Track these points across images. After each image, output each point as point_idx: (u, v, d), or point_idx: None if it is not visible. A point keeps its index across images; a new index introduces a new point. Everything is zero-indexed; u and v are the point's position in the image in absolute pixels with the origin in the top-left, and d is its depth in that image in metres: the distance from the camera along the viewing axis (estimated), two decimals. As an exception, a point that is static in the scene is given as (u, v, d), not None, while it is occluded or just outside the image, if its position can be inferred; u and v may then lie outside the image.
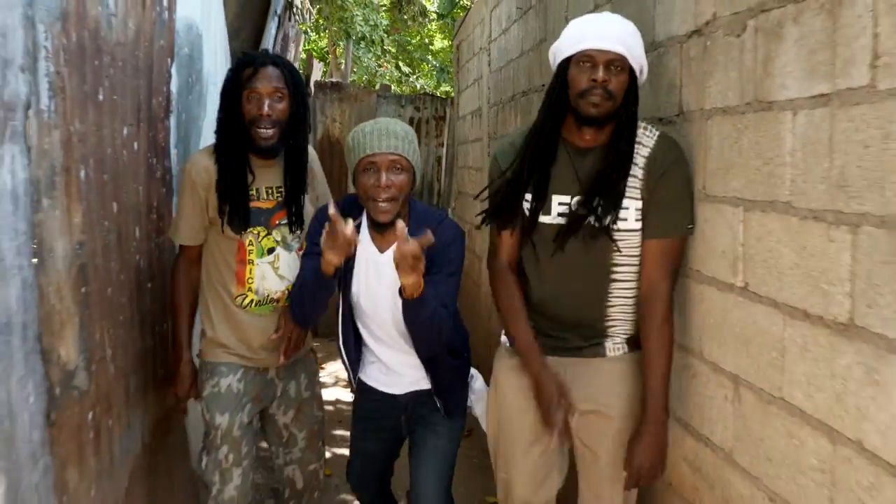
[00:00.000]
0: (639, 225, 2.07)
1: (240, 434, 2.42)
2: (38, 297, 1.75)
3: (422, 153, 7.19)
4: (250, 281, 2.41)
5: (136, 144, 2.46)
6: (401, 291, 2.13)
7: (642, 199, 2.06)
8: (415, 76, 12.44)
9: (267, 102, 2.26)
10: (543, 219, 2.15)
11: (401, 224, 2.02)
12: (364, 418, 2.60)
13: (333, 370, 5.86)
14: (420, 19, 10.96)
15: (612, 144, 2.07)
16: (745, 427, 1.80)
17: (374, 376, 2.54)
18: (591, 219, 2.06)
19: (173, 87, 2.82)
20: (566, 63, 2.07)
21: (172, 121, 2.83)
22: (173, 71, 2.81)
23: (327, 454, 4.11)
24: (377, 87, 10.26)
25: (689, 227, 2.06)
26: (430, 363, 2.41)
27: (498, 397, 2.37)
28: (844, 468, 1.44)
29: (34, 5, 1.72)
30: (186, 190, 2.41)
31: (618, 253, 2.11)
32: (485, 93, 5.45)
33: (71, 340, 1.94)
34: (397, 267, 2.05)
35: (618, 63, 2.00)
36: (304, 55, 9.72)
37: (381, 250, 2.36)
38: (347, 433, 3.14)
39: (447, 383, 2.49)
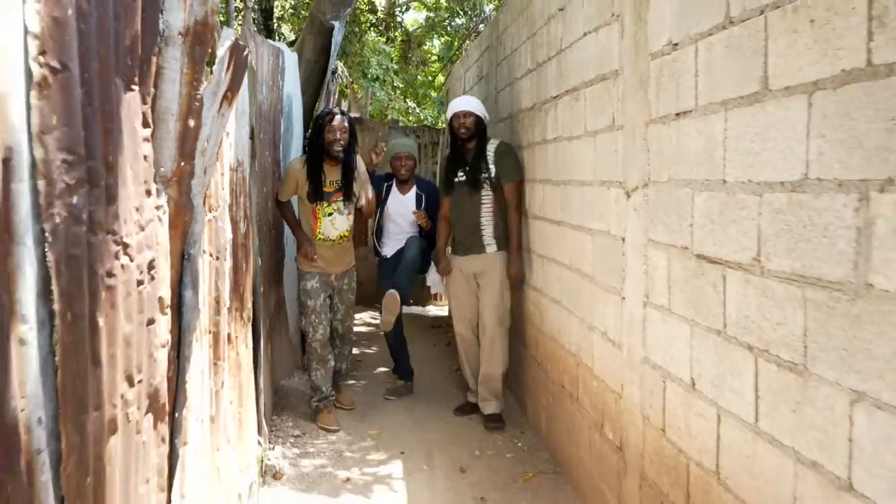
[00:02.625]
0: (492, 178, 4.69)
1: (319, 308, 4.83)
2: (254, 219, 4.26)
3: (421, 170, 9.79)
4: (319, 228, 4.83)
5: (270, 159, 5.00)
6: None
7: (494, 169, 4.67)
8: (420, 109, 15.05)
9: (339, 134, 4.72)
10: (456, 181, 4.81)
11: (421, 214, 5.07)
12: (384, 268, 5.48)
13: (360, 316, 8.37)
14: (422, 67, 13.63)
15: (477, 148, 4.74)
16: (545, 277, 4.31)
17: (387, 251, 5.50)
18: (474, 179, 4.67)
19: (282, 129, 5.37)
20: (452, 119, 4.79)
21: (281, 146, 5.38)
22: (282, 120, 5.36)
23: (358, 351, 6.65)
24: (388, 118, 12.87)
25: (520, 177, 4.67)
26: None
27: (450, 278, 4.94)
28: (582, 287, 3.94)
29: (249, 105, 4.25)
30: (288, 176, 4.84)
31: (485, 194, 4.71)
32: (462, 126, 8.01)
33: (254, 244, 4.46)
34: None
35: (469, 115, 4.71)
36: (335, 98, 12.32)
37: (403, 194, 5.55)
38: (370, 347, 5.82)
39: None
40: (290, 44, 7.42)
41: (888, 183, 1.47)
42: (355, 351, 6.70)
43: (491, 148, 4.74)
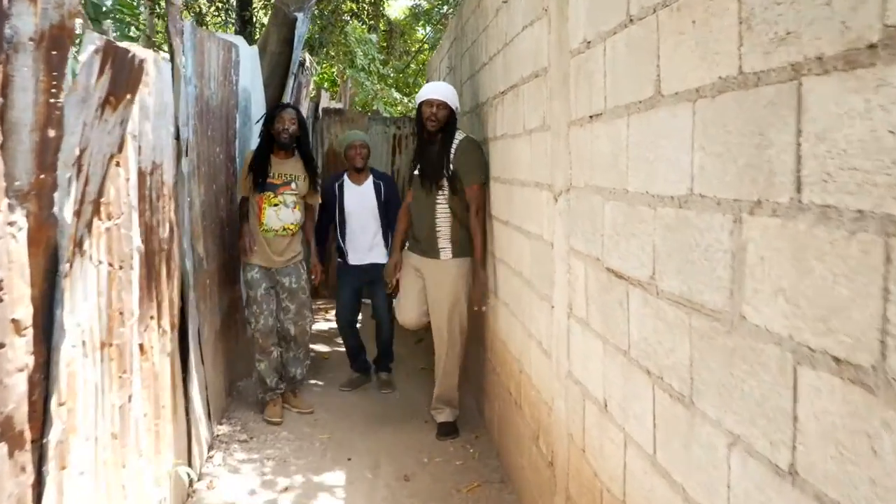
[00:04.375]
0: (446, 184, 4.50)
1: (259, 299, 4.70)
2: (189, 221, 4.13)
3: (402, 161, 9.63)
4: (264, 218, 4.71)
5: (221, 156, 4.86)
6: None
7: (453, 162, 4.46)
8: (409, 99, 14.88)
9: (287, 123, 4.59)
10: (416, 174, 4.63)
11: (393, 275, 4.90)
12: (345, 281, 5.33)
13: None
14: (405, 57, 13.43)
15: (442, 142, 4.51)
16: (498, 279, 4.16)
17: (352, 257, 5.34)
18: (431, 176, 4.50)
19: (237, 124, 5.23)
20: (420, 105, 4.54)
21: (237, 143, 5.24)
22: (237, 115, 5.21)
23: (327, 348, 6.52)
24: (375, 107, 12.71)
25: (483, 180, 4.48)
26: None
27: (402, 273, 4.80)
28: (530, 299, 3.79)
29: (188, 96, 4.10)
30: (244, 169, 4.76)
31: (441, 195, 4.52)
32: (439, 117, 7.85)
33: (201, 245, 4.33)
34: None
35: (439, 104, 4.45)
36: (314, 91, 12.12)
37: (358, 185, 5.38)
38: (341, 345, 5.75)
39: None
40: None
41: (757, 205, 1.32)
42: (323, 348, 6.57)
43: (454, 144, 4.46)
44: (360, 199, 5.33)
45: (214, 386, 4.52)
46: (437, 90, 4.48)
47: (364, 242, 5.35)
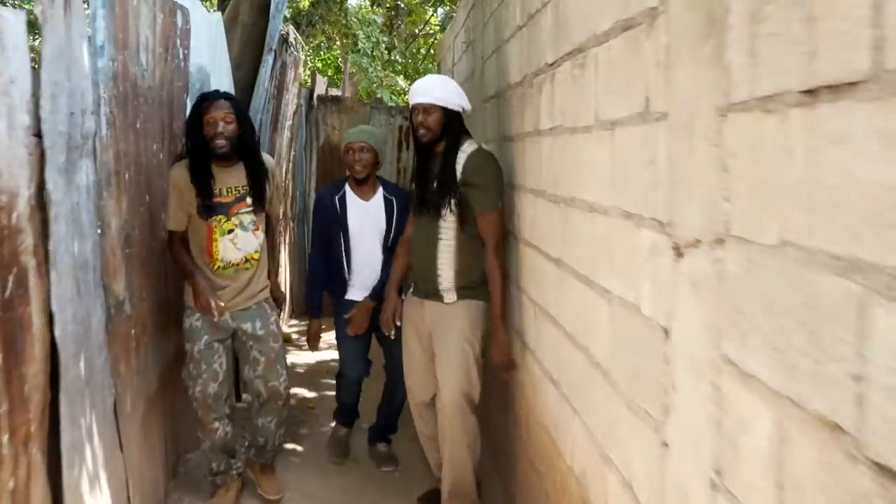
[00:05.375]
0: (451, 210, 3.24)
1: (199, 356, 3.44)
2: (101, 252, 2.87)
3: (409, 157, 8.34)
4: (216, 252, 3.44)
5: (161, 155, 3.60)
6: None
7: (461, 183, 3.20)
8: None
9: (220, 125, 3.31)
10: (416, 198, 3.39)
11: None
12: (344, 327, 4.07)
13: (327, 338, 6.99)
14: (410, 41, 12.10)
15: (445, 155, 3.27)
16: (538, 334, 2.89)
17: (355, 292, 4.08)
18: (431, 200, 3.26)
19: (187, 112, 3.96)
20: (411, 111, 3.32)
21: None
22: (188, 101, 3.95)
23: (313, 394, 5.26)
24: (379, 95, 11.42)
25: (500, 205, 3.24)
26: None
27: (405, 328, 3.52)
28: (561, 345, 2.52)
29: (97, 73, 2.84)
30: (171, 192, 3.44)
31: (445, 225, 3.26)
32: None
33: (120, 282, 3.07)
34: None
35: (429, 108, 3.22)
36: (306, 75, 10.84)
37: (366, 200, 4.06)
38: (332, 381, 4.45)
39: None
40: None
41: None
42: (308, 394, 5.31)
43: (461, 158, 3.23)
44: (367, 219, 4.04)
45: (143, 475, 3.27)
46: (421, 90, 3.28)
47: (372, 274, 4.04)
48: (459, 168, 3.20)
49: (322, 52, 13.81)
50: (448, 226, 3.25)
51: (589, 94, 2.10)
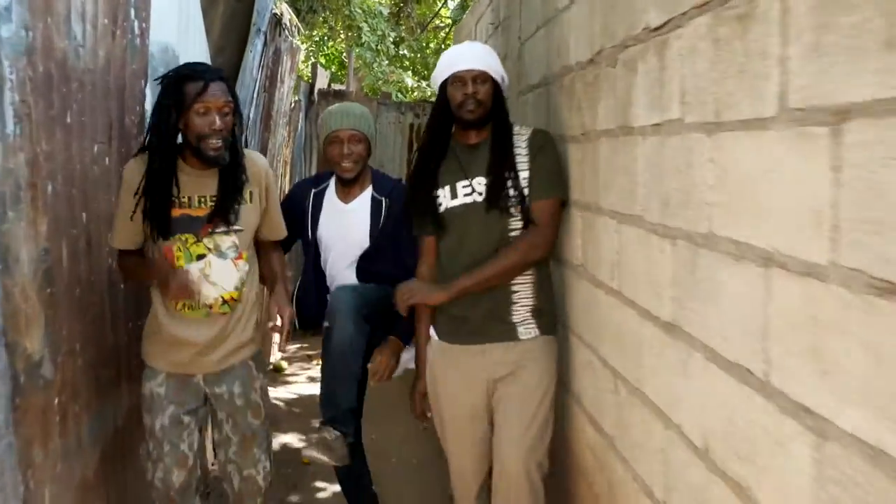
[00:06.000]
0: (527, 190, 2.46)
1: (161, 434, 2.56)
2: (3, 298, 2.02)
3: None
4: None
5: (107, 160, 2.74)
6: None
7: (529, 169, 2.47)
8: (427, 83, 12.68)
9: (217, 118, 2.41)
10: (452, 204, 2.54)
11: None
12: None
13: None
14: (418, 31, 11.22)
15: (496, 136, 2.52)
16: (619, 405, 2.03)
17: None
18: (497, 195, 2.46)
19: (147, 105, 3.10)
20: (444, 84, 2.53)
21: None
22: (147, 91, 3.09)
23: (304, 443, 4.38)
24: (385, 90, 10.55)
25: (559, 196, 2.51)
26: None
27: (438, 388, 2.65)
28: (672, 448, 1.66)
29: (0, 45, 1.99)
30: (121, 196, 2.56)
31: (514, 225, 2.47)
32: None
33: (36, 335, 2.21)
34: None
35: (481, 77, 2.49)
36: (302, 66, 10.00)
37: (346, 202, 3.08)
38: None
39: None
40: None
41: None
42: (300, 443, 4.44)
43: (520, 139, 2.51)
44: (342, 227, 3.07)
45: None
46: (468, 55, 2.54)
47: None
48: (523, 150, 2.50)
49: (325, 47, 12.93)
50: (516, 226, 2.50)
51: (760, 66, 1.23)
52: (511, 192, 2.45)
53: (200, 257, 2.54)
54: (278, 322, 2.63)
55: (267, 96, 4.82)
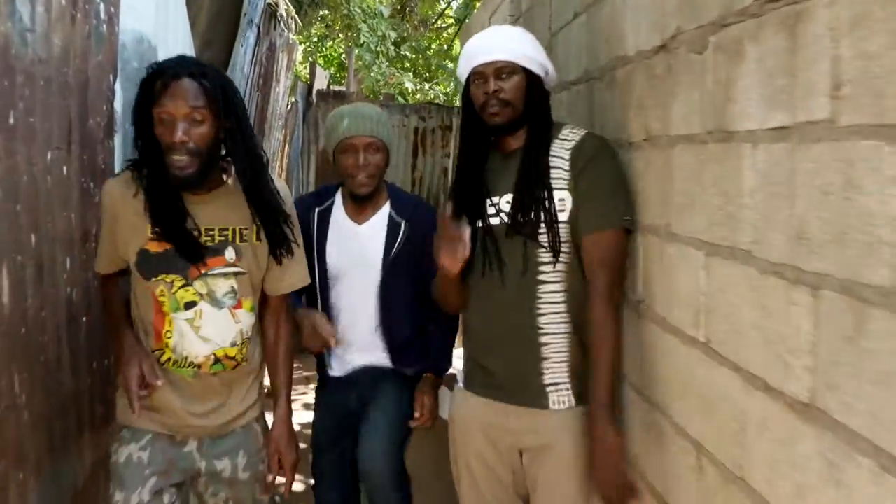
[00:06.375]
0: (563, 216, 1.97)
1: None
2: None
3: (426, 164, 7.04)
4: (168, 336, 2.06)
5: (65, 169, 2.28)
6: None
7: (569, 189, 1.97)
8: (429, 85, 12.21)
9: (180, 127, 1.89)
10: (479, 223, 2.09)
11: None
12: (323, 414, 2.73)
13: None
14: (422, 29, 10.76)
15: (530, 143, 2.05)
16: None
17: (336, 364, 2.70)
18: (524, 219, 1.98)
19: (118, 104, 2.64)
20: (468, 81, 2.09)
21: (118, 140, 2.65)
22: (118, 87, 2.63)
23: (303, 486, 3.93)
24: (388, 91, 10.09)
25: (626, 218, 1.95)
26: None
27: (455, 442, 2.20)
28: (806, 575, 1.20)
29: None
30: (104, 218, 2.14)
31: (545, 259, 1.98)
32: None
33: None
34: None
35: (506, 69, 2.00)
36: (299, 65, 9.56)
37: (359, 222, 2.62)
38: None
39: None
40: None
41: None
42: (298, 486, 3.97)
43: (563, 147, 2.00)
44: (355, 252, 2.61)
45: None
46: (489, 44, 2.04)
47: (360, 333, 2.66)
48: (564, 163, 1.99)
49: (324, 48, 12.46)
50: (549, 262, 1.99)
51: None
52: (541, 214, 1.96)
53: (190, 305, 2.05)
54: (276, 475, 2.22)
55: (261, 96, 4.36)
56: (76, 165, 2.34)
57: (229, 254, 2.08)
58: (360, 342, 2.67)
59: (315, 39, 11.69)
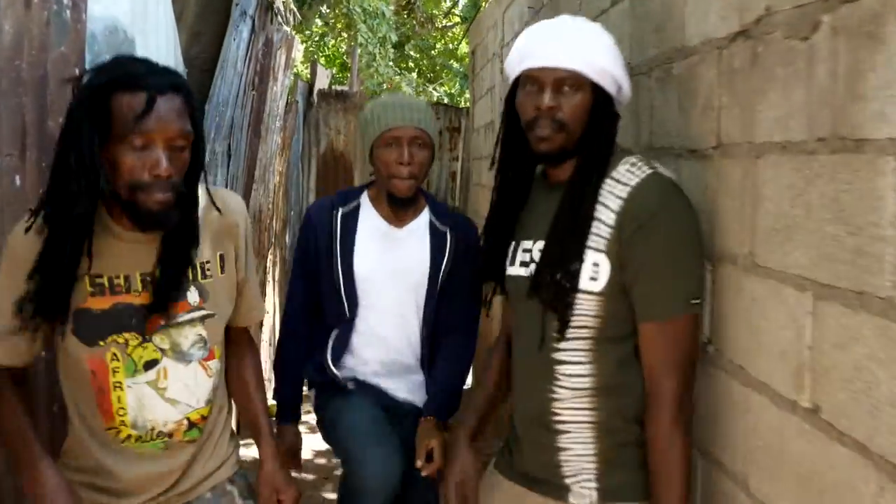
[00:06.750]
0: (595, 286, 1.51)
1: None
2: None
3: (435, 167, 6.67)
4: (121, 412, 1.64)
5: (18, 178, 1.94)
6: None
7: (607, 252, 1.50)
8: (433, 86, 11.86)
9: (165, 155, 1.47)
10: (509, 270, 1.69)
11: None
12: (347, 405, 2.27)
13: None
14: (427, 26, 10.42)
15: (577, 180, 1.56)
16: None
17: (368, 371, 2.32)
18: (552, 280, 1.53)
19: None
20: (515, 85, 1.62)
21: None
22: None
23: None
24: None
25: (694, 301, 1.50)
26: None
27: None
28: None
29: None
30: (9, 281, 1.57)
31: (577, 334, 1.55)
32: (497, 104, 4.89)
33: None
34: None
35: (570, 82, 1.52)
36: (299, 64, 9.24)
37: (398, 226, 2.29)
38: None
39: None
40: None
41: None
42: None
43: (614, 191, 1.51)
44: (392, 256, 2.27)
45: None
46: (561, 41, 1.53)
47: (391, 353, 2.30)
48: (610, 215, 1.51)
49: (326, 47, 12.13)
50: (578, 324, 1.54)
51: None
52: (564, 278, 1.52)
53: (150, 365, 1.66)
54: None
55: (256, 96, 4.01)
56: (33, 174, 2.00)
57: (192, 296, 1.67)
58: (386, 366, 2.32)
59: (316, 38, 11.36)
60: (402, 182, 2.16)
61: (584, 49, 1.52)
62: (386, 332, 2.29)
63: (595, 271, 1.51)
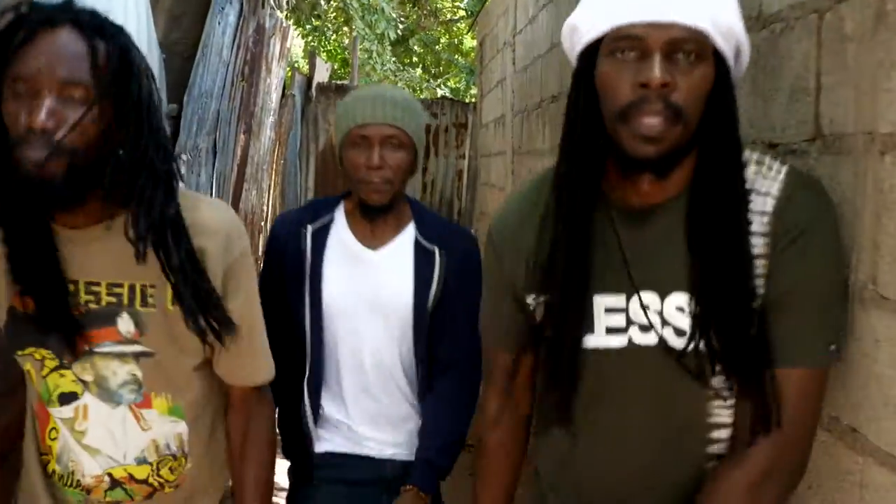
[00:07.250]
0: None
1: None
2: None
3: (439, 166, 6.37)
4: (52, 436, 1.37)
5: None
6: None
7: (772, 283, 1.10)
8: (438, 81, 11.56)
9: (46, 106, 1.13)
10: (588, 342, 1.20)
11: None
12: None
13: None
14: (432, 20, 10.12)
15: (700, 193, 1.12)
16: None
17: (327, 439, 1.92)
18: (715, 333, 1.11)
19: None
20: (593, 54, 1.10)
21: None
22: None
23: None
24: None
25: (833, 348, 1.11)
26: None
27: None
28: None
29: None
30: None
31: (717, 393, 1.16)
32: (508, 97, 4.57)
33: None
34: None
35: (690, 47, 1.03)
36: (295, 55, 8.93)
37: (373, 247, 1.89)
38: None
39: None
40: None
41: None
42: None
43: (765, 192, 1.09)
44: (370, 290, 1.86)
45: None
46: None
47: (373, 399, 1.90)
48: (761, 223, 1.10)
49: (327, 42, 11.83)
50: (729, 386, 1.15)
51: None
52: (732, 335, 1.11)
53: (67, 399, 1.34)
54: None
55: (246, 87, 3.68)
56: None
57: (123, 324, 1.31)
58: (367, 414, 1.92)
59: (318, 34, 11.07)
60: (371, 188, 1.79)
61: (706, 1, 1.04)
62: (361, 367, 1.90)
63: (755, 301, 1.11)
